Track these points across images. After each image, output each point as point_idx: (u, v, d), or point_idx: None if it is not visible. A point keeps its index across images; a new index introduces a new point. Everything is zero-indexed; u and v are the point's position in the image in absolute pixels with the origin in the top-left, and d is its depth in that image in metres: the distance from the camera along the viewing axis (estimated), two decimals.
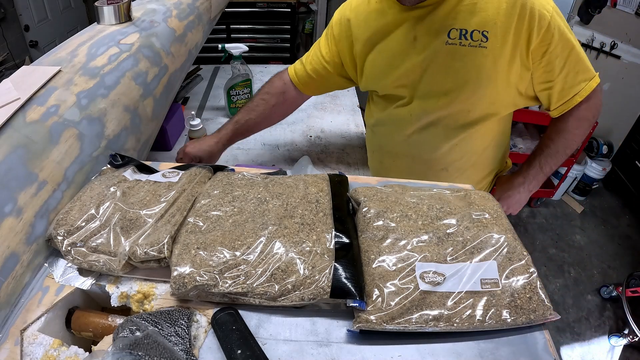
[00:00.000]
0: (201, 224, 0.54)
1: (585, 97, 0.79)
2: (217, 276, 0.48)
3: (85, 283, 0.52)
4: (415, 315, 0.45)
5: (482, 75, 0.77)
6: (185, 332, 0.44)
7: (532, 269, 0.50)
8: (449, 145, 0.89)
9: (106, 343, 0.46)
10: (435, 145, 0.90)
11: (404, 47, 0.81)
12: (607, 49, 2.42)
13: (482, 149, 0.92)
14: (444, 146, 0.89)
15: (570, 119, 0.84)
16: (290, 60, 3.03)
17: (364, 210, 0.58)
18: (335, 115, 1.39)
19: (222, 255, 0.49)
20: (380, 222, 0.55)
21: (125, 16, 0.93)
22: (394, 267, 0.49)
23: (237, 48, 1.24)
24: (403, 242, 0.52)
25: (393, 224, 0.55)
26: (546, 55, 0.75)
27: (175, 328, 0.44)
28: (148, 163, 0.72)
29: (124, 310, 0.52)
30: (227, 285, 0.47)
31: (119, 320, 0.49)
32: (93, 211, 0.56)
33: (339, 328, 0.48)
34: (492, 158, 0.98)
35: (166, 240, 0.51)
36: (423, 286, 0.47)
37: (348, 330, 0.47)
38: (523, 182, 0.95)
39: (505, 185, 0.99)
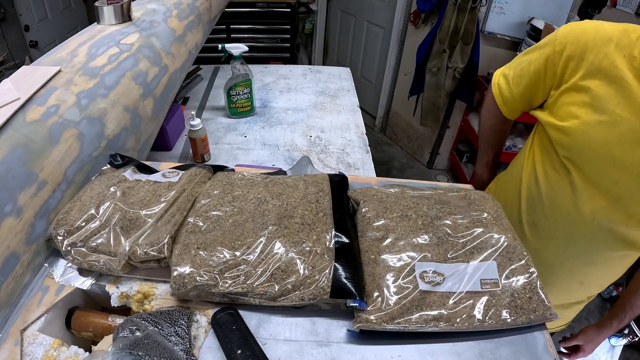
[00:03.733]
0: (201, 224, 0.54)
1: None
2: (217, 276, 0.48)
3: (85, 283, 0.52)
4: (415, 315, 0.45)
5: None
6: (185, 332, 0.44)
7: (532, 269, 0.50)
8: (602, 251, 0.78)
9: (106, 343, 0.46)
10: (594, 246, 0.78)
11: None
12: None
13: (614, 271, 0.85)
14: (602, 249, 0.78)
15: None
16: (291, 60, 3.03)
17: (363, 210, 0.58)
18: (335, 115, 1.39)
19: (222, 255, 0.49)
20: (380, 222, 0.55)
21: (125, 16, 0.93)
22: (394, 267, 0.49)
23: (237, 48, 1.24)
24: (403, 242, 0.52)
25: (393, 224, 0.55)
26: None
27: (175, 328, 0.44)
28: (148, 163, 0.72)
29: (124, 310, 0.52)
30: (227, 285, 0.47)
31: (119, 320, 0.49)
32: (93, 211, 0.56)
33: (339, 328, 0.48)
34: (605, 283, 0.91)
35: (166, 240, 0.51)
36: (423, 286, 0.47)
37: (348, 330, 0.47)
38: (609, 332, 0.94)
39: (594, 336, 0.96)
